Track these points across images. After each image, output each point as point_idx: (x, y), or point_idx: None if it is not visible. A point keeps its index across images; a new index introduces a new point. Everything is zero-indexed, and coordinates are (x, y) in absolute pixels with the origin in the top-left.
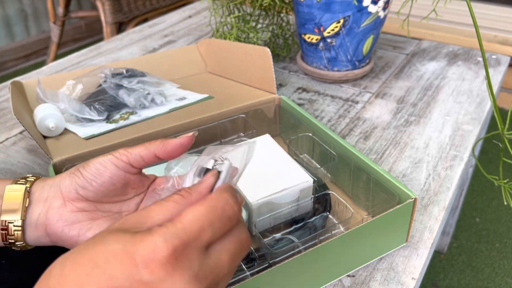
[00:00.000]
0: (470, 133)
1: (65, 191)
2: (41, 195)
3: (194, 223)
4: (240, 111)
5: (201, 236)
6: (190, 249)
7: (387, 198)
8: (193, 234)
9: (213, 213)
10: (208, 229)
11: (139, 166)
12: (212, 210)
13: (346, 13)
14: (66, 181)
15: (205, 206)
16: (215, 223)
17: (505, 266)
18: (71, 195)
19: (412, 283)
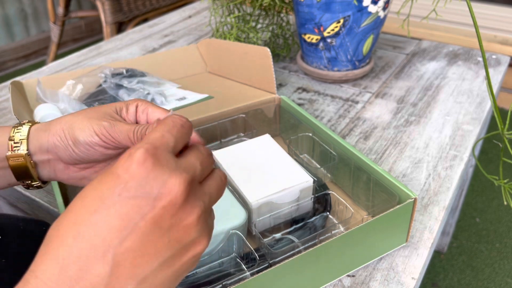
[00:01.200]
0: (470, 133)
1: (63, 158)
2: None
3: (156, 133)
4: (240, 111)
5: (166, 141)
6: (160, 150)
7: (387, 198)
8: (157, 140)
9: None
10: (168, 134)
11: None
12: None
13: (346, 13)
14: (60, 150)
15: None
16: (171, 130)
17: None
18: (70, 162)
19: (412, 283)
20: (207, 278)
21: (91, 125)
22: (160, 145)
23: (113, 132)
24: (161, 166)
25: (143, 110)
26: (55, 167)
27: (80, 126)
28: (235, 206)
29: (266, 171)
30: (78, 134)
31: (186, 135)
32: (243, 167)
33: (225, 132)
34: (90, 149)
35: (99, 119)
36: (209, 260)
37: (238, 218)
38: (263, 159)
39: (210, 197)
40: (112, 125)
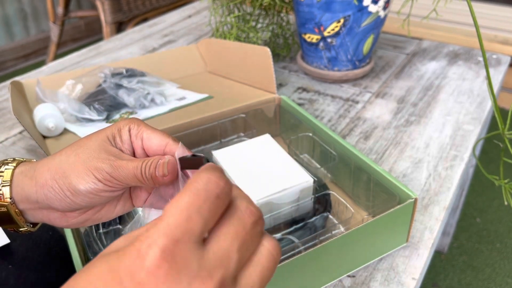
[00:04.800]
0: (470, 133)
1: (59, 209)
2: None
3: (179, 215)
4: (240, 111)
5: (191, 228)
6: (181, 246)
7: (388, 198)
8: (180, 227)
9: (197, 197)
10: (196, 216)
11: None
12: (194, 194)
13: (347, 13)
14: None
15: (185, 193)
16: (202, 207)
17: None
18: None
19: (412, 283)
20: None
21: (90, 171)
22: (182, 236)
23: (118, 176)
24: (178, 275)
25: (136, 135)
26: (49, 216)
27: (76, 174)
28: None
29: (266, 171)
30: (77, 183)
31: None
32: (243, 167)
33: (225, 132)
34: (94, 197)
35: (96, 162)
36: None
37: None
38: (263, 159)
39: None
40: (115, 168)
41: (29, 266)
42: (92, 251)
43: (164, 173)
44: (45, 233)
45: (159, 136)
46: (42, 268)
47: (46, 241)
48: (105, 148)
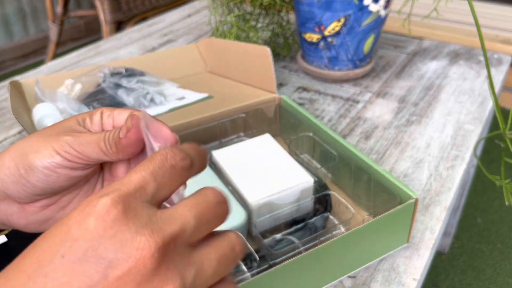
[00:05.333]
0: (471, 133)
1: (15, 196)
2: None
3: (133, 175)
4: (240, 111)
5: (143, 186)
6: (133, 199)
7: (388, 198)
8: (133, 183)
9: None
10: (150, 177)
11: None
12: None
13: (347, 12)
14: (9, 186)
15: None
16: (156, 171)
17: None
18: (25, 200)
19: (413, 284)
20: None
21: (49, 144)
22: (135, 192)
23: (79, 145)
24: (126, 221)
25: (108, 115)
26: (7, 212)
27: (34, 148)
28: (235, 206)
29: (266, 171)
30: (33, 158)
31: (179, 178)
32: (243, 167)
33: (225, 132)
34: (51, 175)
35: (58, 135)
36: None
37: (238, 219)
38: (263, 159)
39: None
40: (76, 137)
41: None
42: None
43: (128, 127)
44: None
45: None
46: None
47: None
48: (72, 127)
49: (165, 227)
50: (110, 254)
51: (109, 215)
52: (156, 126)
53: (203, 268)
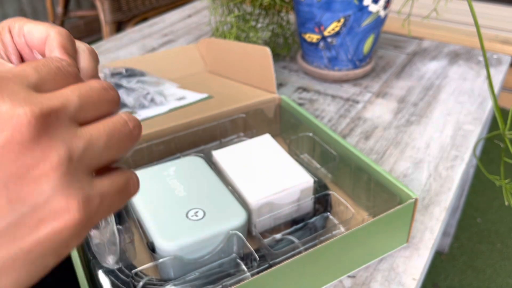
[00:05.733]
0: (471, 133)
1: None
2: None
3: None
4: (240, 111)
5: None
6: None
7: (388, 199)
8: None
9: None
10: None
11: None
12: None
13: (347, 12)
14: None
15: None
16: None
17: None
18: None
19: (413, 284)
20: (207, 279)
21: None
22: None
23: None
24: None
25: (18, 34)
26: None
27: None
28: (235, 206)
29: (266, 171)
30: None
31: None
32: (243, 167)
33: (225, 132)
34: None
35: None
36: (209, 260)
37: (238, 219)
38: (263, 159)
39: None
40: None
41: None
42: (92, 252)
43: None
44: None
45: (40, 27)
46: None
47: None
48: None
49: (44, 102)
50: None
51: None
52: None
53: (92, 141)
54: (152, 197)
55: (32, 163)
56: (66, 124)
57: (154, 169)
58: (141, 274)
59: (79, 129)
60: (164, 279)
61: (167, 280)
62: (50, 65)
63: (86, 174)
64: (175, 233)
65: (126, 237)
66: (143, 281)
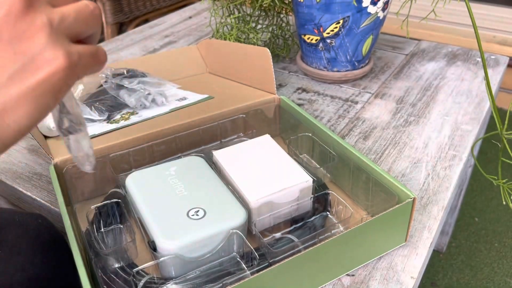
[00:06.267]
0: (469, 133)
1: None
2: None
3: None
4: (240, 111)
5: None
6: None
7: (387, 198)
8: None
9: None
10: None
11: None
12: None
13: (346, 14)
14: None
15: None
16: None
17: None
18: None
19: (411, 282)
20: (207, 278)
21: None
22: None
23: None
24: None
25: None
26: None
27: None
28: (235, 205)
29: (266, 171)
30: None
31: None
32: (243, 167)
33: (225, 132)
34: None
35: None
36: (209, 259)
37: (238, 218)
38: (263, 159)
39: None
40: None
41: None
42: (93, 250)
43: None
44: (34, 221)
45: None
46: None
47: (35, 228)
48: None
49: None
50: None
51: None
52: None
53: (64, 15)
54: (153, 196)
55: (25, 27)
56: (44, 4)
57: (155, 168)
58: (142, 273)
59: (54, 9)
60: (165, 278)
61: (168, 279)
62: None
63: (65, 38)
64: (176, 232)
65: (127, 236)
66: (144, 279)
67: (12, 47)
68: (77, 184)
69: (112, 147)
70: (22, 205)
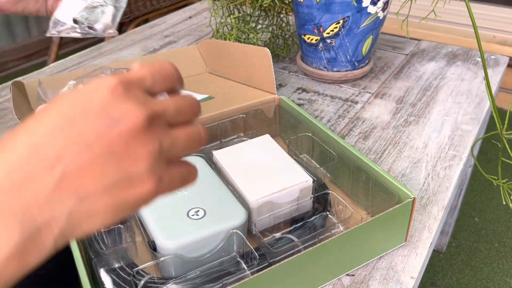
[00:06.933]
0: (469, 133)
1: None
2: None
3: (136, 71)
4: (240, 111)
5: (142, 78)
6: (133, 84)
7: (386, 198)
8: (136, 75)
9: (152, 68)
10: (149, 75)
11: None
12: (150, 66)
13: (346, 14)
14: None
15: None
16: (155, 75)
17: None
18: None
19: (411, 282)
20: (207, 277)
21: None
22: (135, 80)
23: None
24: (128, 96)
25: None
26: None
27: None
28: (235, 205)
29: (266, 171)
30: None
31: (168, 82)
32: (243, 167)
33: (225, 132)
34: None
35: None
36: (209, 259)
37: (238, 218)
38: (263, 159)
39: (173, 143)
40: None
41: None
42: (93, 250)
43: None
44: None
45: None
46: None
47: None
48: None
49: (154, 106)
50: (116, 115)
51: (117, 89)
52: None
53: (175, 142)
54: None
55: (136, 148)
56: (162, 125)
57: None
58: (142, 273)
59: (170, 130)
60: (165, 278)
61: (168, 279)
62: (161, 73)
63: (165, 162)
64: (176, 232)
65: (127, 236)
66: (144, 279)
67: (117, 162)
68: None
69: None
70: None
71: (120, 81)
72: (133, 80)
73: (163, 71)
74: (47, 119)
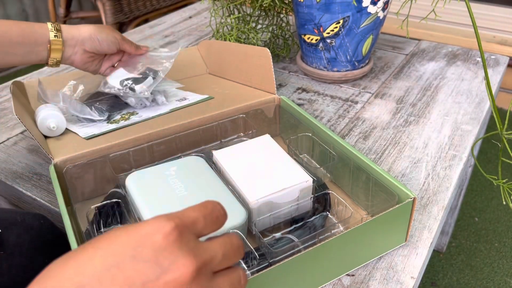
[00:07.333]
0: (469, 133)
1: (87, 48)
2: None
3: (191, 213)
4: (240, 111)
5: (196, 223)
6: (187, 230)
7: (387, 198)
8: (190, 219)
9: (205, 210)
10: (201, 219)
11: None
12: (204, 207)
13: (346, 14)
14: (87, 43)
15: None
16: (207, 217)
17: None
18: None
19: (411, 282)
20: None
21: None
22: (189, 224)
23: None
24: (181, 243)
25: None
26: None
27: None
28: (235, 205)
29: (266, 171)
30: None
31: (216, 225)
32: (243, 167)
33: (225, 132)
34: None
35: None
36: None
37: (238, 218)
38: (263, 159)
39: None
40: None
41: (21, 252)
42: None
43: None
44: (36, 221)
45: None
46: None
47: (37, 228)
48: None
49: (203, 255)
50: (165, 263)
51: (171, 236)
52: None
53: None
54: (153, 196)
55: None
56: (208, 274)
57: (156, 168)
58: None
59: (213, 279)
60: None
61: None
62: (212, 216)
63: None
64: None
65: None
66: None
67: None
68: (77, 184)
69: (112, 147)
70: (22, 205)
71: (176, 226)
72: (188, 225)
73: (213, 214)
74: (97, 259)
